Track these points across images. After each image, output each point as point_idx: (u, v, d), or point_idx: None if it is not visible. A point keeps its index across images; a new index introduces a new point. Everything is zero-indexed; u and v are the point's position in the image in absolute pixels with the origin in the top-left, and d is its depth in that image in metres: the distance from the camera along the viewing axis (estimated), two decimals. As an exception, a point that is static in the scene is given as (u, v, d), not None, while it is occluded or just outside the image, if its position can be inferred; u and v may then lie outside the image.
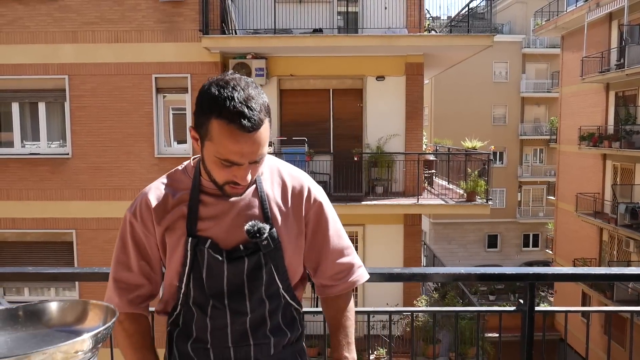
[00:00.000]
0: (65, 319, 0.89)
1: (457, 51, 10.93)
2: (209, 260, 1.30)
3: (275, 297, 1.36)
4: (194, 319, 1.35)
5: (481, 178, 10.34)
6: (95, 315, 0.89)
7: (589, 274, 1.77)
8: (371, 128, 10.82)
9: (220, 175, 1.25)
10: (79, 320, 0.88)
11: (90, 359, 0.80)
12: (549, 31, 21.65)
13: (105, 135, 10.42)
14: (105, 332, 0.81)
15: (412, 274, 1.84)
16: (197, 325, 1.35)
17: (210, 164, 1.25)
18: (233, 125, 1.16)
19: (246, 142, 1.18)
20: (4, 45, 10.26)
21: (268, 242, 1.30)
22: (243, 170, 1.23)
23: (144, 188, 1.42)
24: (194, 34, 10.07)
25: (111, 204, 10.42)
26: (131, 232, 1.36)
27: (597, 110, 18.59)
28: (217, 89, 1.18)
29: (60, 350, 0.72)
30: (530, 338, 1.65)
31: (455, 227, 29.37)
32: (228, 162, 1.21)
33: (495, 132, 29.04)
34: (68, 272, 1.93)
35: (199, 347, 1.36)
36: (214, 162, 1.24)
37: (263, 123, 1.20)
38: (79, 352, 0.75)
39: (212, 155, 1.22)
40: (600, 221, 17.44)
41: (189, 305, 1.35)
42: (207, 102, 1.19)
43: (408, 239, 10.83)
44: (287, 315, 1.41)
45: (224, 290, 1.32)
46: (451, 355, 10.09)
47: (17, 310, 0.87)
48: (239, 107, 1.16)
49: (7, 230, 10.63)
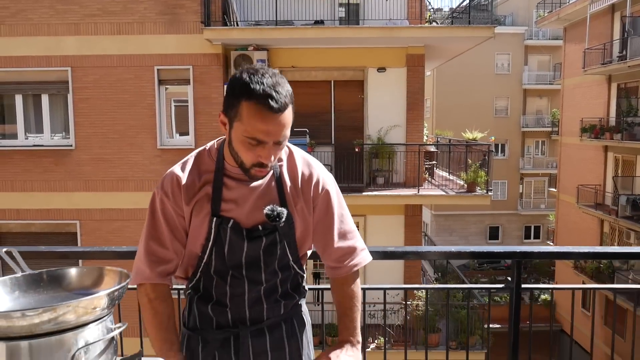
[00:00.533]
0: (83, 282, 0.99)
1: (458, 42, 10.95)
2: (230, 237, 1.43)
3: (286, 268, 1.52)
4: (213, 286, 1.48)
5: (482, 169, 10.40)
6: (110, 279, 0.98)
7: (572, 252, 1.84)
8: (372, 119, 10.87)
9: (247, 156, 1.36)
10: (96, 284, 0.98)
11: (106, 315, 0.89)
12: (552, 23, 21.59)
13: (108, 127, 10.50)
14: (119, 292, 0.90)
15: (405, 252, 1.93)
16: (217, 291, 1.48)
17: (237, 144, 1.36)
18: (262, 106, 1.29)
19: (273, 122, 1.30)
20: (7, 38, 10.32)
21: (284, 224, 1.44)
22: (267, 150, 1.34)
23: (171, 167, 1.49)
24: (196, 25, 10.11)
25: (114, 195, 10.52)
26: (162, 209, 1.44)
27: (599, 102, 18.59)
28: (248, 76, 1.31)
29: (81, 304, 0.83)
30: (517, 312, 1.73)
31: (456, 219, 29.45)
32: (255, 140, 1.32)
33: (497, 123, 29.03)
34: (80, 251, 2.01)
35: (218, 309, 1.49)
36: (241, 142, 1.35)
37: (288, 107, 1.33)
38: (97, 308, 0.86)
39: (241, 135, 1.34)
40: (601, 213, 17.50)
41: (209, 274, 1.48)
42: (238, 87, 1.32)
43: (409, 230, 10.91)
44: (294, 281, 1.57)
45: (242, 263, 1.46)
46: (451, 343, 10.19)
47: (41, 274, 0.96)
48: (268, 90, 1.29)
49: (12, 221, 10.75)
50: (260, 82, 1.29)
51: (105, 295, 0.89)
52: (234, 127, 1.35)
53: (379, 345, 9.62)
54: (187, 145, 10.48)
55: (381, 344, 9.65)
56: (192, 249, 1.48)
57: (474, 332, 10.33)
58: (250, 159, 1.36)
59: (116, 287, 0.91)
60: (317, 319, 10.03)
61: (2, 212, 10.69)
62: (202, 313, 1.50)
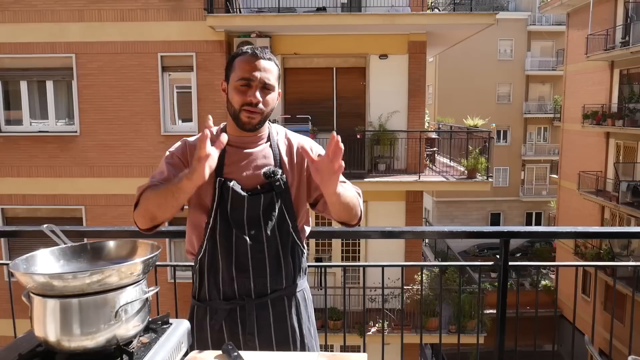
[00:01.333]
0: (120, 253, 1.15)
1: (460, 29, 10.99)
2: (232, 195, 1.59)
3: (286, 234, 1.67)
4: (218, 251, 1.62)
5: (482, 155, 10.49)
6: (142, 250, 1.14)
7: (558, 232, 1.96)
8: (374, 106, 10.96)
9: (238, 99, 1.59)
10: (130, 254, 1.15)
11: (141, 280, 1.04)
12: (555, 8, 21.49)
13: (113, 113, 10.60)
14: (152, 260, 1.05)
15: (402, 231, 2.06)
16: (223, 255, 1.61)
17: (232, 94, 1.61)
18: (248, 54, 1.61)
19: (258, 64, 1.59)
20: (11, 24, 10.39)
21: (279, 183, 1.62)
22: (254, 90, 1.58)
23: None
24: (199, 12, 10.16)
25: (119, 181, 10.66)
26: (169, 158, 1.66)
27: (602, 88, 18.58)
28: (241, 47, 1.67)
29: (122, 269, 0.99)
30: (504, 288, 1.87)
31: (458, 206, 29.56)
32: (244, 80, 1.58)
33: (500, 110, 29.00)
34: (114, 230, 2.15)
35: (225, 279, 1.63)
36: (234, 89, 1.60)
37: (272, 60, 1.63)
38: (134, 273, 1.02)
39: (233, 82, 1.61)
40: (602, 199, 17.58)
41: (214, 239, 1.62)
42: (232, 54, 1.65)
43: (410, 215, 11.05)
44: (295, 254, 1.71)
45: (244, 222, 1.61)
46: (451, 327, 10.39)
47: (85, 245, 1.13)
48: (254, 49, 1.63)
49: (18, 206, 10.91)
50: (249, 47, 1.64)
51: (140, 262, 1.04)
52: (230, 82, 1.62)
53: (379, 329, 9.81)
54: (191, 132, 10.59)
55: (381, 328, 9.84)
56: (198, 220, 1.63)
57: (473, 316, 10.51)
58: (240, 100, 1.58)
59: (149, 256, 1.06)
60: (319, 303, 10.21)
61: (9, 197, 10.85)
62: (211, 284, 1.64)
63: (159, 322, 1.18)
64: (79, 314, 0.99)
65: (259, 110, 1.59)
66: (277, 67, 1.65)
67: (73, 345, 1.00)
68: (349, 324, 10.09)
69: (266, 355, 1.29)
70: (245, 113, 1.59)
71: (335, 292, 10.48)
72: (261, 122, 1.63)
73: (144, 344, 1.09)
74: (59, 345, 1.01)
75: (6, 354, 1.04)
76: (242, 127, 1.62)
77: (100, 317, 1.00)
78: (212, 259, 1.64)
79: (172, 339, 1.13)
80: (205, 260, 1.64)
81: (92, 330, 1.00)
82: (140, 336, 1.11)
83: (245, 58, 1.60)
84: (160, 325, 1.17)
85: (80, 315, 0.99)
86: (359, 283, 10.87)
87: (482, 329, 10.36)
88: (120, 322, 1.01)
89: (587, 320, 15.66)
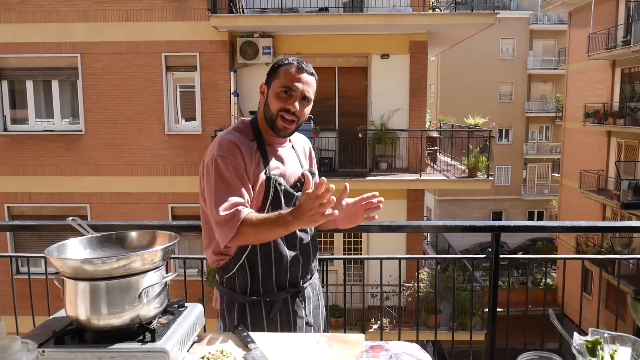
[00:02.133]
0: (141, 242, 1.28)
1: (461, 29, 11.07)
2: (285, 192, 1.73)
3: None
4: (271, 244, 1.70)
5: (483, 154, 10.58)
6: (161, 240, 1.28)
7: (546, 226, 2.07)
8: (376, 105, 11.06)
9: (276, 105, 1.71)
10: (150, 243, 1.27)
11: (161, 266, 1.17)
12: (557, 7, 21.53)
13: (117, 113, 10.73)
14: (170, 248, 1.18)
15: (400, 225, 2.17)
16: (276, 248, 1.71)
17: (272, 99, 1.72)
18: (294, 66, 1.72)
19: (301, 76, 1.71)
20: (17, 24, 10.52)
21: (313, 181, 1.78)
22: (294, 99, 1.70)
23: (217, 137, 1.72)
24: (203, 12, 10.28)
25: (124, 179, 10.79)
26: (228, 167, 1.63)
27: (603, 87, 18.63)
28: (286, 58, 1.75)
29: (145, 255, 1.10)
30: (495, 280, 1.98)
31: (460, 204, 29.64)
32: (286, 88, 1.69)
33: (502, 109, 29.06)
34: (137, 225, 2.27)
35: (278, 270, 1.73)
36: (275, 95, 1.71)
37: (314, 75, 1.76)
38: (155, 260, 1.14)
39: (276, 88, 1.71)
40: (603, 198, 17.64)
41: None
42: (277, 63, 1.75)
43: (411, 214, 11.15)
44: (316, 244, 1.88)
45: None
46: (451, 324, 10.48)
47: (110, 235, 1.26)
48: (300, 62, 1.74)
49: (24, 204, 11.04)
50: (295, 59, 1.74)
51: (160, 250, 1.17)
52: (271, 86, 1.72)
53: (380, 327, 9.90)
54: (194, 131, 10.71)
55: (385, 324, 9.95)
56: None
57: (475, 313, 10.60)
58: (279, 106, 1.69)
59: (168, 244, 1.18)
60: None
61: (15, 195, 10.99)
62: (265, 277, 1.71)
63: (175, 305, 1.30)
64: (106, 295, 1.11)
65: (295, 118, 1.71)
66: (315, 82, 1.77)
67: (101, 323, 1.13)
68: (351, 321, 10.21)
69: (272, 335, 1.40)
70: (282, 120, 1.70)
71: (337, 289, 10.59)
72: (294, 131, 1.77)
73: (163, 324, 1.21)
74: (89, 323, 1.13)
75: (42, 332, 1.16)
76: (276, 132, 1.73)
77: (125, 298, 1.12)
78: (265, 253, 1.72)
79: (188, 320, 1.25)
80: (257, 255, 1.71)
81: (118, 310, 1.12)
82: (158, 317, 1.23)
83: (290, 69, 1.71)
84: (176, 308, 1.29)
85: (107, 296, 1.11)
86: (361, 280, 10.98)
87: (483, 326, 10.46)
88: (142, 303, 1.13)
89: (588, 318, 15.73)
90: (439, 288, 10.63)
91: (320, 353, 1.24)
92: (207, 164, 1.67)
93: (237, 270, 1.72)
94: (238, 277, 1.73)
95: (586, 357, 1.03)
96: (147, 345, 1.10)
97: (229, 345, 1.27)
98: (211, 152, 1.68)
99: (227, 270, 1.74)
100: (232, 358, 1.19)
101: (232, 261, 1.72)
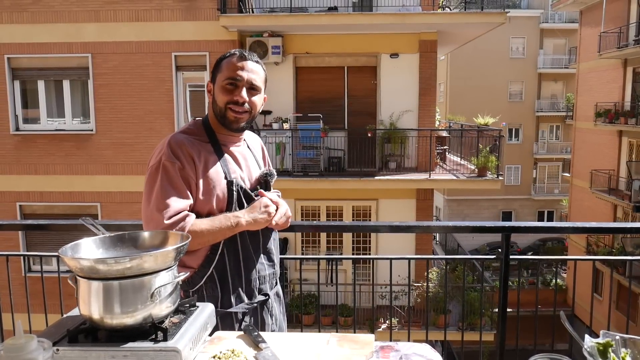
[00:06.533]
0: (153, 242, 1.30)
1: (471, 28, 11.03)
2: (245, 196, 1.67)
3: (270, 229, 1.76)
4: (240, 252, 1.66)
5: (492, 154, 10.53)
6: (173, 240, 1.29)
7: (557, 227, 2.07)
8: (385, 105, 11.04)
9: (222, 98, 1.64)
10: (162, 243, 1.28)
11: (173, 265, 1.18)
12: (568, 5, 21.37)
13: (128, 112, 10.80)
14: (182, 248, 1.19)
15: (409, 226, 2.17)
16: (245, 255, 1.67)
17: (218, 94, 1.65)
18: (235, 56, 1.65)
19: (245, 64, 1.64)
20: (29, 25, 10.62)
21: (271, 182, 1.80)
22: (240, 90, 1.62)
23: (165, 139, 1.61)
24: (212, 12, 10.32)
25: (134, 179, 10.86)
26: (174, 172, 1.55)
27: (614, 86, 18.47)
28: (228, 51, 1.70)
29: (156, 256, 1.12)
30: (505, 281, 1.97)
31: (469, 204, 29.52)
32: (231, 79, 1.62)
33: (512, 108, 28.89)
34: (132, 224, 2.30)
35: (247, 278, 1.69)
36: (221, 88, 1.64)
37: (259, 64, 1.68)
38: (167, 260, 1.16)
39: (220, 82, 1.64)
40: (614, 198, 17.50)
41: (234, 240, 1.66)
42: (220, 57, 1.69)
43: (420, 213, 11.12)
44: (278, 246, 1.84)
45: None
46: (460, 324, 10.44)
47: (123, 235, 1.27)
48: (242, 51, 1.67)
49: (36, 203, 11.16)
50: (237, 50, 1.67)
51: (173, 249, 1.18)
52: (216, 82, 1.64)
53: (389, 326, 9.89)
54: (204, 130, 10.75)
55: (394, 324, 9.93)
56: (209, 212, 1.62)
57: (484, 313, 10.57)
58: (226, 99, 1.62)
59: (180, 244, 1.19)
60: (330, 299, 10.34)
61: (27, 194, 11.10)
62: (235, 288, 1.65)
63: (187, 305, 1.31)
64: (119, 294, 1.13)
65: (246, 109, 1.63)
66: (264, 71, 1.69)
67: (114, 322, 1.14)
68: (360, 320, 10.20)
69: (283, 335, 1.41)
70: (232, 112, 1.62)
71: (346, 288, 10.59)
72: (248, 123, 1.68)
73: (175, 324, 1.22)
74: (102, 322, 1.14)
75: (56, 330, 1.17)
76: (228, 126, 1.65)
77: (137, 297, 1.13)
78: (234, 261, 1.66)
79: (200, 319, 1.26)
80: (226, 265, 1.64)
81: (131, 310, 1.13)
82: (170, 317, 1.24)
83: (232, 59, 1.64)
84: (188, 308, 1.31)
85: (120, 295, 1.13)
86: (370, 280, 10.97)
87: (492, 327, 10.41)
88: (155, 302, 1.15)
89: (599, 319, 15.61)
90: (449, 288, 10.60)
91: (331, 353, 1.25)
92: (152, 167, 1.58)
93: (205, 282, 1.63)
94: (207, 290, 1.63)
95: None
96: (160, 344, 1.12)
97: (240, 344, 1.28)
98: (158, 154, 1.58)
99: (193, 283, 1.63)
100: (243, 357, 1.20)
101: (198, 274, 1.62)
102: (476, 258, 2.33)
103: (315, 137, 10.30)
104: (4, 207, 11.06)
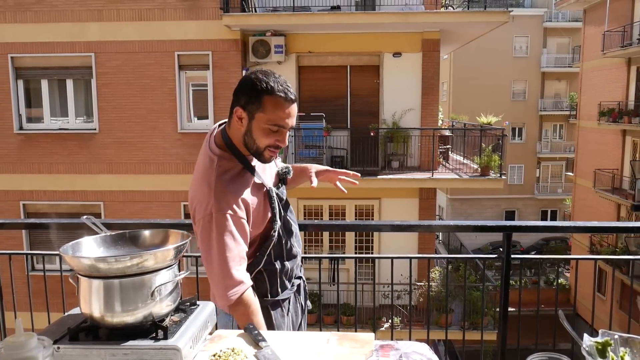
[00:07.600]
0: (154, 241, 1.30)
1: (474, 27, 11.01)
2: (279, 199, 1.73)
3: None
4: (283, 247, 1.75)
5: (495, 153, 10.52)
6: (174, 238, 1.29)
7: (558, 226, 2.06)
8: (388, 104, 11.03)
9: (265, 141, 1.60)
10: (162, 242, 1.29)
11: (173, 264, 1.19)
12: (571, 4, 21.30)
13: (130, 111, 10.82)
14: (182, 247, 1.19)
15: (411, 225, 2.17)
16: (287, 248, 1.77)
17: (257, 132, 1.59)
18: (282, 98, 1.57)
19: (292, 109, 1.60)
20: (33, 24, 10.65)
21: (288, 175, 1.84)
22: (283, 134, 1.62)
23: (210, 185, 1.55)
24: (215, 12, 10.33)
25: (137, 178, 10.88)
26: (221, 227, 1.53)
27: (618, 85, 18.42)
28: (263, 76, 1.59)
29: (157, 254, 1.13)
30: (506, 280, 1.97)
31: (472, 203, 29.48)
32: (277, 126, 1.59)
33: (515, 107, 28.83)
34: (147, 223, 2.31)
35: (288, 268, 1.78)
36: (262, 130, 1.59)
37: (296, 100, 1.65)
38: (167, 258, 1.16)
39: (263, 124, 1.58)
40: (617, 197, 17.46)
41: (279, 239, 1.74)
42: (259, 86, 1.57)
43: (423, 212, 11.12)
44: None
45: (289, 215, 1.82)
46: (463, 324, 10.43)
47: (124, 234, 1.28)
48: (284, 86, 1.59)
49: (39, 202, 11.19)
50: (276, 82, 1.57)
51: (173, 248, 1.19)
52: (255, 118, 1.57)
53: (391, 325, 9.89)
54: (207, 130, 10.72)
55: (396, 323, 9.95)
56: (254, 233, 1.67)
57: (486, 313, 10.55)
58: (267, 143, 1.59)
59: (180, 243, 1.20)
60: (332, 298, 10.35)
61: (30, 193, 11.14)
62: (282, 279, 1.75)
63: (187, 304, 1.32)
64: (120, 293, 1.14)
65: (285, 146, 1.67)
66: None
67: (115, 321, 1.15)
68: (362, 319, 10.21)
69: (283, 334, 1.42)
70: (270, 152, 1.62)
71: (349, 287, 10.60)
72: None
73: (175, 322, 1.22)
74: (103, 320, 1.15)
75: (57, 328, 1.18)
76: (260, 160, 1.66)
77: (138, 296, 1.14)
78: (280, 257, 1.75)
79: (200, 318, 1.27)
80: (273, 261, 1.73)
81: (131, 308, 1.14)
82: (171, 315, 1.25)
83: (279, 102, 1.56)
84: (189, 306, 1.31)
85: (121, 294, 1.14)
86: (372, 279, 10.97)
87: (495, 326, 10.40)
88: (155, 301, 1.16)
89: (601, 318, 15.57)
90: (451, 287, 10.60)
91: (331, 352, 1.25)
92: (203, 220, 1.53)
93: (256, 275, 1.70)
94: (256, 283, 1.69)
95: (595, 359, 1.03)
96: (160, 342, 1.12)
97: (240, 343, 1.29)
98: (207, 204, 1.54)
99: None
100: (244, 356, 1.20)
101: (249, 267, 1.67)
102: (477, 257, 2.34)
103: (317, 136, 10.30)
104: (8, 206, 11.10)
